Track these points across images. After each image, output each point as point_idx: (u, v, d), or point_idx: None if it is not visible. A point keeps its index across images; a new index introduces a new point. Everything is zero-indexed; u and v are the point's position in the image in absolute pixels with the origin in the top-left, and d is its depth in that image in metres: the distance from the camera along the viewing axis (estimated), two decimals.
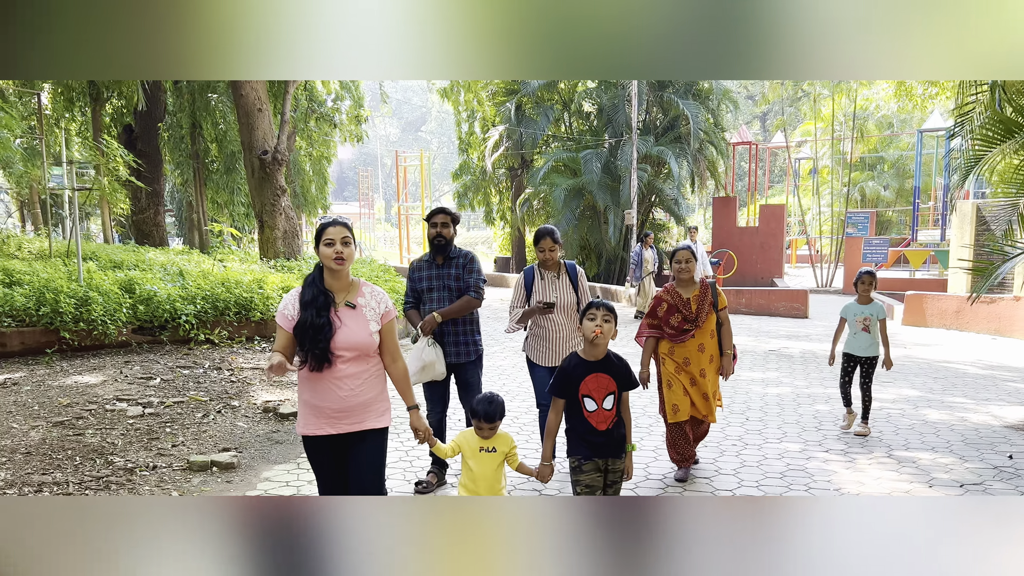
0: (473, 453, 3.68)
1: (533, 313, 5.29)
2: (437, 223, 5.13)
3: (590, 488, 3.72)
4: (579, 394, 3.68)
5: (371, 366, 3.47)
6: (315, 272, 3.45)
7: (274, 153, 15.01)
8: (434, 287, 5.16)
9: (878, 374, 6.84)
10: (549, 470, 3.77)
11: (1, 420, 6.10)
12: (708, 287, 5.34)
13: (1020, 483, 5.17)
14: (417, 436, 3.58)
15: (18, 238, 13.91)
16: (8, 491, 4.64)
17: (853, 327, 6.57)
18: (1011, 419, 6.91)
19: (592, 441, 3.70)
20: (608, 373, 3.70)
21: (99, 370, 8.20)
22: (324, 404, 3.37)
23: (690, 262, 5.26)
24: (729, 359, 5.39)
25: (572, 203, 21.17)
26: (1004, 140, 4.98)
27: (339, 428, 3.41)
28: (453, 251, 5.21)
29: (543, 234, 5.33)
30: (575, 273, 5.45)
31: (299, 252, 15.77)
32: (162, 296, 9.75)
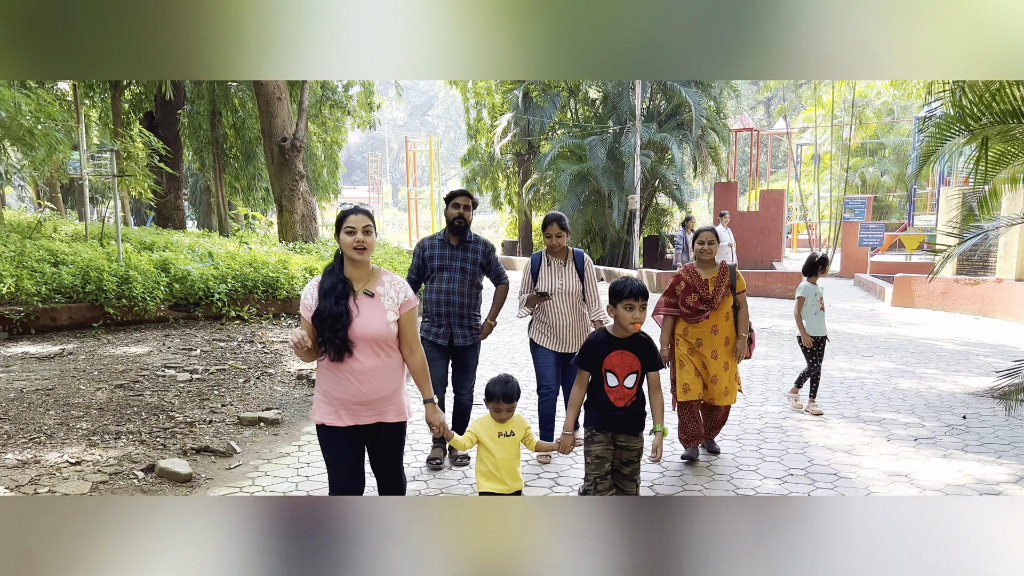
0: (492, 439, 3.60)
1: (533, 300, 5.39)
2: (460, 204, 5.14)
3: (600, 459, 3.74)
4: (602, 368, 3.71)
5: (391, 359, 3.42)
6: (335, 261, 3.43)
7: (293, 140, 15.72)
8: (446, 267, 5.17)
9: (859, 350, 7.52)
10: (571, 440, 3.78)
11: (69, 383, 6.87)
12: (727, 269, 5.38)
13: (968, 438, 5.90)
14: (433, 430, 3.56)
15: (53, 221, 14.68)
16: (92, 438, 5.41)
17: (814, 307, 6.78)
18: (974, 387, 7.63)
19: (608, 415, 3.72)
20: (633, 351, 3.71)
21: (143, 342, 8.97)
22: (344, 396, 3.35)
23: (712, 243, 5.29)
24: (744, 341, 5.38)
25: (577, 188, 21.85)
26: (955, 136, 5.66)
27: (359, 420, 3.39)
28: (469, 235, 5.26)
29: (551, 220, 5.38)
30: (582, 261, 5.47)
31: (316, 235, 16.51)
32: (195, 276, 10.52)
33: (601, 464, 3.73)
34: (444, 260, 5.18)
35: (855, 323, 12.62)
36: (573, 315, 5.38)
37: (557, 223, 5.32)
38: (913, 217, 25.25)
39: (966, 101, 5.77)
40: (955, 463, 5.30)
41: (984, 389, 7.40)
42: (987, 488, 4.78)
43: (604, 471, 3.74)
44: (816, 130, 28.82)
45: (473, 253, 5.22)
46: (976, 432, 6.05)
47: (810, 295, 6.81)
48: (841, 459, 5.40)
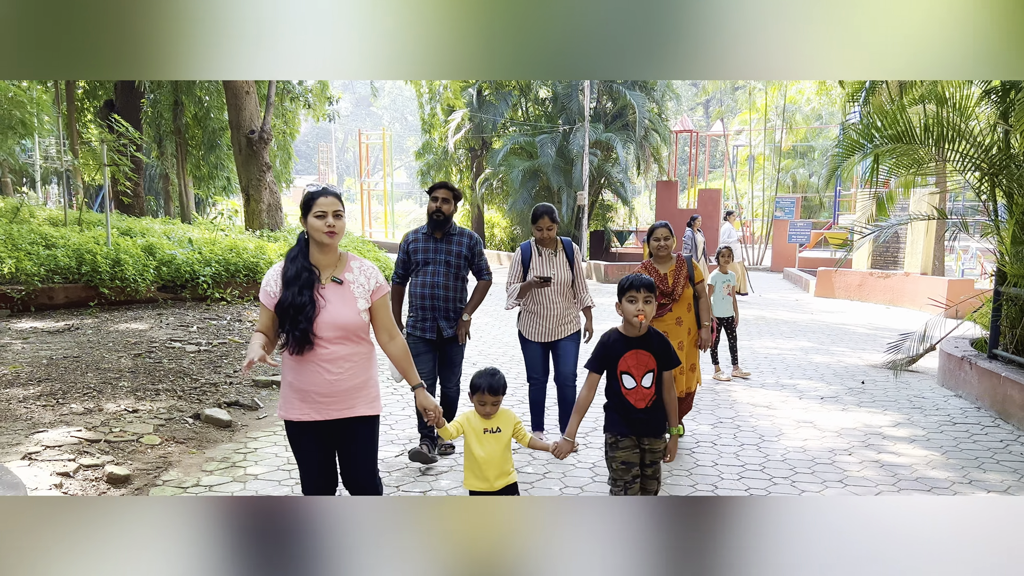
0: (477, 437, 3.44)
1: (531, 287, 5.31)
2: (438, 197, 5.08)
3: (626, 465, 3.60)
4: (617, 370, 3.59)
5: (361, 347, 3.24)
6: (298, 245, 3.23)
7: (260, 132, 16.46)
8: (430, 260, 5.12)
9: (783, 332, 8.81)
10: (568, 446, 3.60)
11: (91, 352, 7.68)
12: (684, 261, 5.45)
13: (863, 397, 7.21)
14: (427, 416, 3.34)
15: (30, 207, 15.15)
16: (136, 393, 6.29)
17: (721, 292, 7.98)
18: (874, 361, 9.02)
19: (631, 419, 3.59)
20: (648, 350, 3.59)
21: (141, 320, 9.76)
22: (310, 388, 3.15)
23: (668, 239, 5.35)
24: (708, 331, 5.47)
25: (528, 183, 23.03)
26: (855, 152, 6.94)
27: (326, 414, 3.19)
28: (452, 228, 5.19)
29: (542, 212, 5.36)
30: (571, 250, 5.51)
31: (281, 224, 17.28)
32: (181, 260, 11.30)
33: (629, 469, 3.59)
34: (428, 254, 5.13)
35: (782, 311, 14.06)
36: (563, 304, 5.41)
37: (548, 216, 5.33)
38: (838, 216, 27.08)
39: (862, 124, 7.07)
40: (850, 414, 6.59)
41: (881, 362, 8.79)
42: (871, 431, 6.06)
43: (633, 475, 3.61)
44: (751, 133, 30.56)
45: (457, 246, 5.16)
46: (870, 393, 7.38)
47: (718, 282, 8.05)
48: (761, 412, 6.64)
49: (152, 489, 4.59)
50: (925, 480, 4.94)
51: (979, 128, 7.21)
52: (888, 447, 5.66)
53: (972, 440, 5.82)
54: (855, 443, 5.74)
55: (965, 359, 7.13)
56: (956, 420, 6.39)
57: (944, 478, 4.98)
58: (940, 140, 6.63)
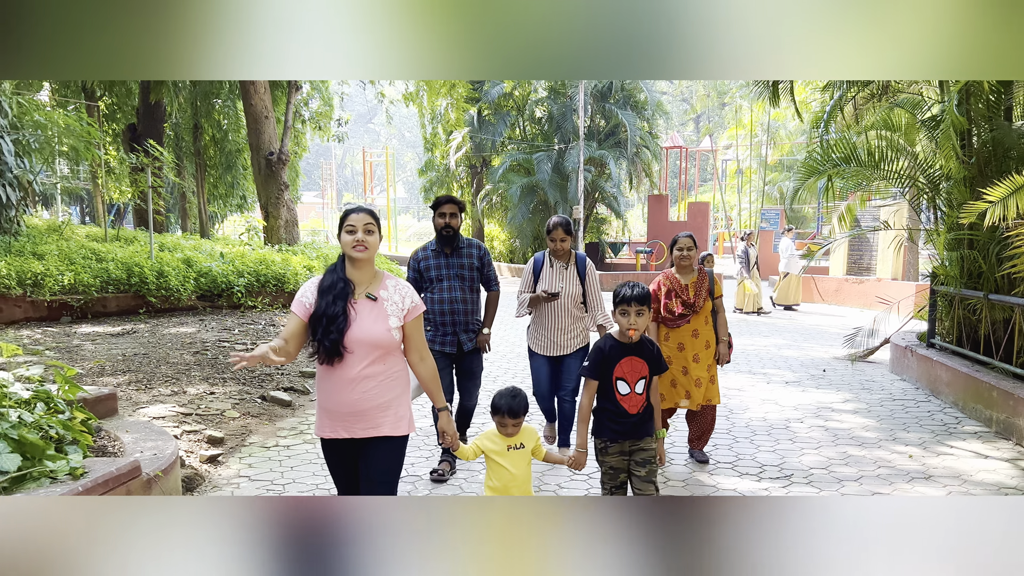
0: (502, 453, 3.48)
1: (538, 301, 5.31)
2: (445, 213, 5.07)
3: (615, 470, 3.72)
4: (613, 376, 3.66)
5: (389, 367, 3.25)
6: (338, 260, 3.30)
7: (279, 154, 17.70)
8: (443, 276, 5.11)
9: (760, 331, 9.99)
10: (585, 456, 3.69)
11: (154, 351, 8.86)
12: (706, 275, 5.40)
13: (822, 382, 8.42)
14: (444, 440, 3.40)
15: (72, 226, 16.34)
16: (208, 381, 7.48)
17: None
18: (838, 354, 10.25)
19: (621, 424, 3.68)
20: (642, 357, 3.68)
21: (186, 324, 10.95)
22: (337, 407, 3.20)
23: (691, 249, 5.28)
24: (725, 346, 5.45)
25: (526, 199, 24.33)
26: (815, 173, 8.19)
27: (352, 432, 3.22)
28: (460, 240, 5.17)
29: (556, 224, 5.31)
30: (584, 265, 5.44)
31: (297, 239, 18.49)
32: (217, 271, 12.50)
33: (617, 475, 3.73)
34: (440, 269, 5.13)
35: (762, 313, 15.30)
36: (570, 318, 5.37)
37: (563, 228, 5.31)
38: (821, 227, 28.42)
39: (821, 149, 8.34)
40: (808, 394, 7.81)
41: (843, 355, 10.02)
42: (823, 406, 7.27)
43: (620, 480, 3.75)
44: (737, 148, 31.94)
45: (468, 258, 5.17)
46: (829, 378, 8.61)
47: None
48: (732, 392, 7.85)
49: (241, 448, 5.78)
50: (857, 437, 6.15)
51: (921, 151, 8.48)
52: (834, 417, 6.87)
53: (904, 411, 7.04)
54: (807, 414, 6.95)
55: (908, 348, 8.37)
56: (896, 397, 7.62)
57: (873, 436, 6.19)
58: (880, 162, 7.88)
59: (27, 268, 10.67)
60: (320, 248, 17.92)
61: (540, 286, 5.39)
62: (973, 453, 5.70)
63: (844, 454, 5.71)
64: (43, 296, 10.64)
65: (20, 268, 10.60)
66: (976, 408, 6.58)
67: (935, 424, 6.57)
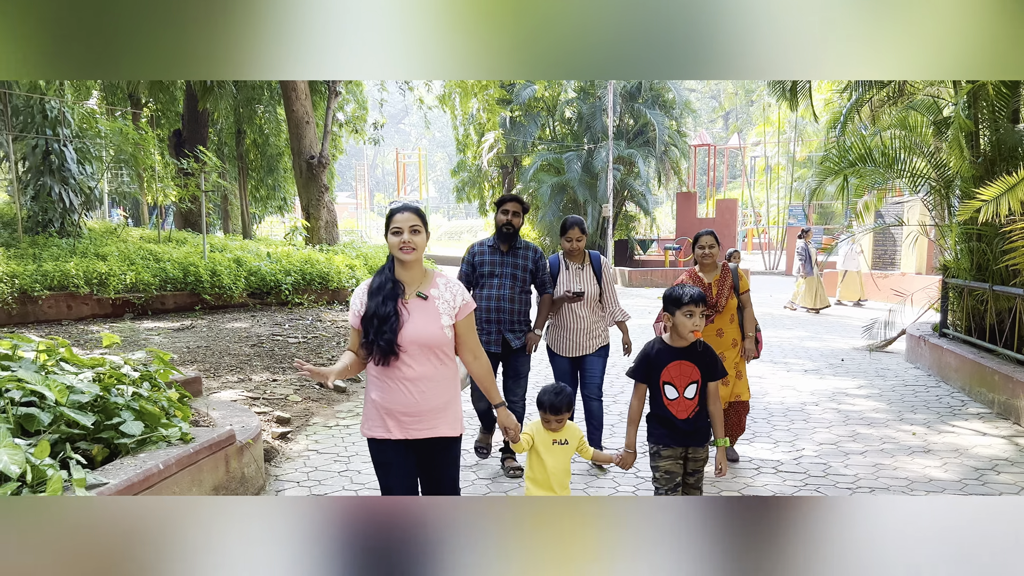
0: (547, 447, 3.54)
1: (562, 302, 5.30)
2: (508, 210, 5.11)
3: (669, 475, 3.68)
4: (660, 381, 3.61)
5: (443, 367, 3.23)
6: (388, 261, 3.29)
7: (319, 158, 18.46)
8: (496, 273, 5.14)
9: (785, 324, 10.50)
10: (632, 457, 3.69)
11: (215, 343, 9.60)
12: (730, 271, 5.34)
13: (839, 370, 8.91)
14: (507, 435, 3.42)
15: (128, 228, 17.28)
16: (269, 369, 8.17)
17: None
18: (857, 345, 10.71)
19: (671, 429, 3.64)
20: (692, 361, 3.60)
21: (239, 320, 11.70)
22: (393, 407, 3.17)
23: (713, 247, 5.24)
24: (752, 342, 5.36)
25: (557, 197, 24.90)
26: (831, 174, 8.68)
27: (409, 433, 3.19)
28: (518, 241, 5.21)
29: (572, 224, 5.32)
30: (599, 264, 5.45)
31: (337, 239, 19.25)
32: (266, 270, 13.25)
33: (672, 479, 3.69)
34: (494, 266, 5.16)
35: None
36: (591, 318, 5.38)
37: (578, 227, 5.33)
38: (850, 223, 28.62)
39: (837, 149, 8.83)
40: (825, 380, 8.31)
41: (862, 345, 10.49)
42: (838, 391, 7.77)
43: (675, 483, 3.71)
44: (765, 144, 32.22)
45: (523, 260, 5.20)
46: (846, 367, 9.10)
47: None
48: (754, 380, 8.36)
49: (306, 427, 6.44)
50: (866, 417, 6.68)
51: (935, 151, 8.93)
52: (847, 400, 7.38)
53: (914, 395, 7.53)
54: (823, 399, 7.47)
55: (922, 338, 8.83)
56: (908, 383, 8.10)
57: (882, 417, 6.70)
58: (894, 161, 8.36)
59: (93, 268, 11.50)
60: (359, 248, 18.66)
61: (559, 289, 5.35)
62: (973, 431, 6.19)
63: (853, 432, 6.23)
64: (108, 294, 11.45)
65: (87, 268, 11.43)
66: (980, 392, 7.05)
67: (941, 406, 7.06)
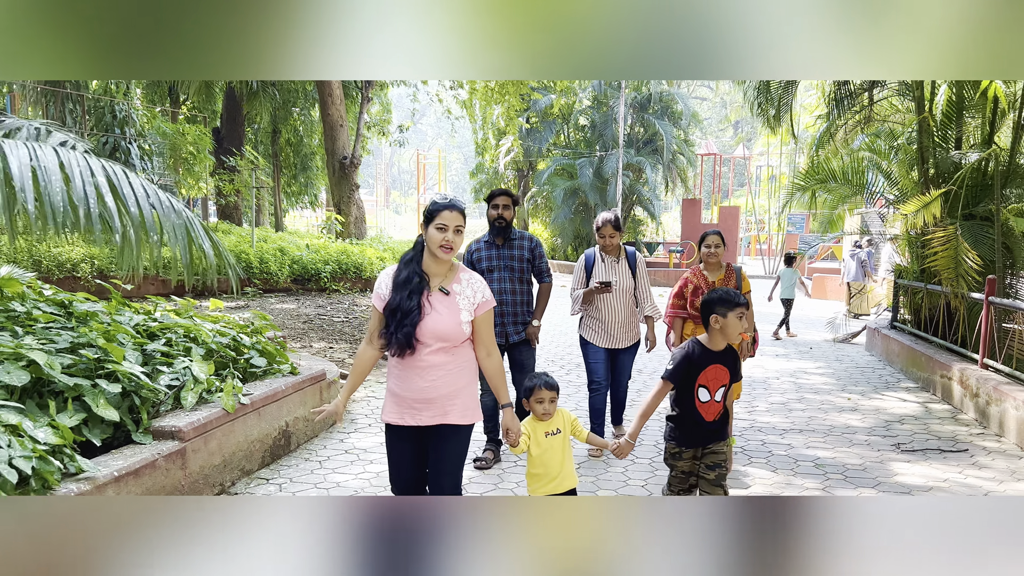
0: (539, 442, 3.54)
1: (592, 294, 5.39)
2: (499, 204, 5.17)
3: (686, 474, 3.75)
4: (696, 383, 3.63)
5: (458, 357, 3.28)
6: (414, 251, 3.29)
7: (352, 158, 20.09)
8: (495, 267, 5.22)
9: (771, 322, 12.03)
10: (630, 447, 3.64)
11: (275, 318, 11.19)
12: (733, 271, 5.43)
13: (809, 355, 10.43)
14: (508, 438, 3.39)
15: None
16: (325, 340, 9.75)
17: (786, 281, 11.83)
18: (828, 338, 12.24)
19: (698, 431, 3.69)
20: (725, 365, 3.68)
21: (286, 302, 13.31)
22: (406, 393, 3.24)
23: (719, 246, 5.29)
24: (747, 342, 5.36)
25: (569, 201, 26.51)
26: (799, 189, 10.21)
27: (420, 420, 3.25)
28: (513, 232, 5.27)
29: (606, 221, 5.39)
30: (634, 259, 5.53)
31: (365, 234, 20.88)
32: (307, 259, 14.87)
33: (687, 478, 3.77)
34: (492, 261, 5.25)
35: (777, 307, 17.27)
36: (625, 311, 5.49)
37: (612, 224, 5.41)
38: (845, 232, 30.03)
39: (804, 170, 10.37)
40: (790, 362, 9.85)
41: (831, 337, 12.03)
42: (799, 369, 9.29)
43: (689, 484, 3.79)
44: (768, 154, 33.71)
45: (519, 250, 5.28)
46: (812, 354, 10.64)
47: (785, 275, 12.04)
48: None
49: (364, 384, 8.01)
50: (814, 388, 8.21)
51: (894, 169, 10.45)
52: (804, 377, 8.92)
53: (861, 374, 9.06)
54: (784, 375, 9.01)
55: (877, 330, 10.36)
56: (859, 366, 9.63)
57: (827, 387, 8.24)
58: (853, 180, 9.90)
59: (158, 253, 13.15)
60: (386, 243, 20.26)
61: (593, 281, 5.48)
62: (897, 399, 7.72)
63: (801, 397, 7.77)
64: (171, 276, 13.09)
65: None
66: (913, 371, 8.58)
67: (879, 382, 8.59)
